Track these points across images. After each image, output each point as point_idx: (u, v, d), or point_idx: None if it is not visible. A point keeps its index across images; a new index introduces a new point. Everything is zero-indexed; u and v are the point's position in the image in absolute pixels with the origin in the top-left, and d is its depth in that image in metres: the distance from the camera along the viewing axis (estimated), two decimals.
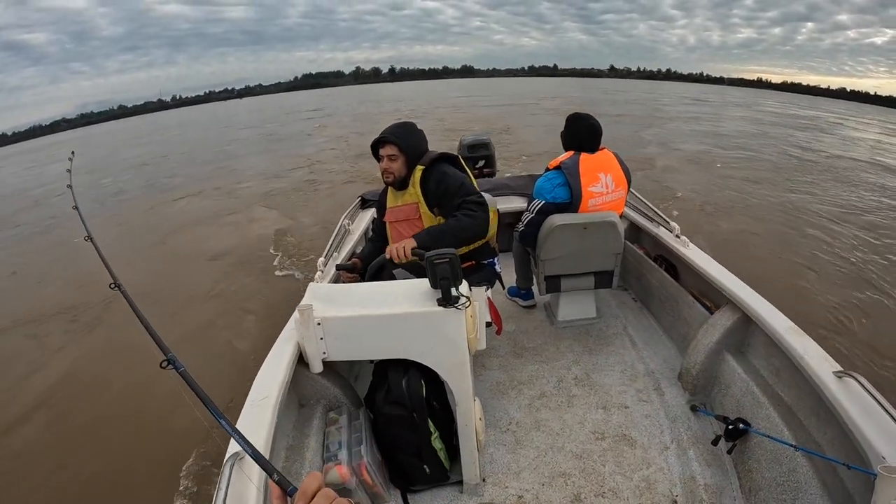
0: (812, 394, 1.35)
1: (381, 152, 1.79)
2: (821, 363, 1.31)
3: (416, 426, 1.46)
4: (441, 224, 1.71)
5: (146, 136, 26.47)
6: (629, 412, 1.85)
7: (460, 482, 1.56)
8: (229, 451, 1.02)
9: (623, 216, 2.47)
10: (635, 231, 2.70)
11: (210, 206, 8.09)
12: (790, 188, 7.73)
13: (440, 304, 1.26)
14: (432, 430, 1.50)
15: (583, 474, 1.59)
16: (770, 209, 6.57)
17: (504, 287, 2.57)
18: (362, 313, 1.31)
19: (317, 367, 1.40)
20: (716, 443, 1.61)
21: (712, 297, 1.99)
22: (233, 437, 0.73)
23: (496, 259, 1.97)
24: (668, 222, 2.33)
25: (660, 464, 1.61)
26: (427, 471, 1.52)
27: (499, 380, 2.08)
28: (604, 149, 2.12)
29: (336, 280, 1.99)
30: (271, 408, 1.17)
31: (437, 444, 1.51)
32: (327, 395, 1.53)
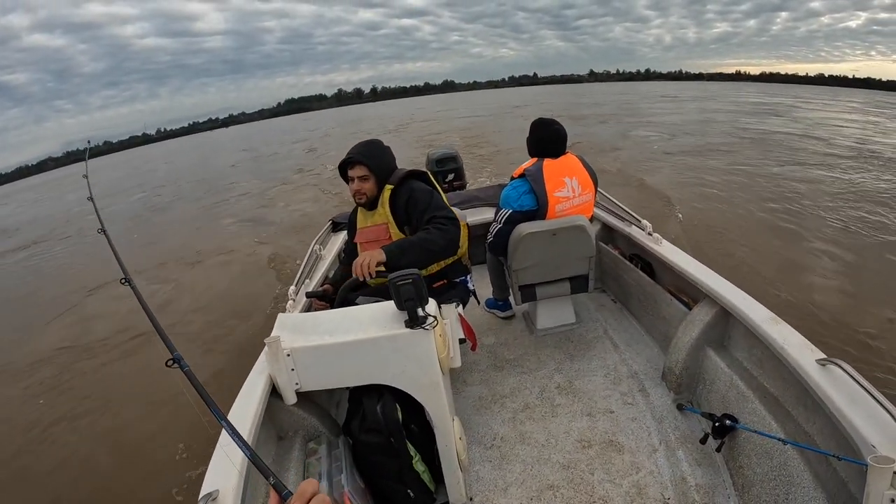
0: (796, 384, 1.34)
1: (351, 173, 1.76)
2: (802, 351, 1.30)
3: (395, 451, 1.43)
4: (411, 237, 1.68)
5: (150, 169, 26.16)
6: (615, 417, 1.83)
7: (447, 503, 1.53)
8: (222, 454, 1.02)
9: (594, 218, 2.47)
10: (608, 232, 2.70)
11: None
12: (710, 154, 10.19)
13: (407, 326, 1.24)
14: (413, 453, 1.46)
15: (571, 485, 1.56)
16: (682, 168, 9.13)
17: (479, 303, 2.55)
18: (331, 341, 1.29)
19: (290, 398, 1.38)
20: (704, 441, 1.59)
21: (689, 293, 1.98)
22: (232, 438, 0.74)
23: (469, 276, 1.96)
24: (640, 221, 2.33)
25: (649, 467, 1.58)
26: (411, 495, 1.48)
27: (480, 395, 2.05)
28: (568, 153, 2.13)
29: (308, 308, 1.96)
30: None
31: (419, 466, 1.48)
32: (305, 425, 1.50)
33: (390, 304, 1.30)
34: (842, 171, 8.27)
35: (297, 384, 1.35)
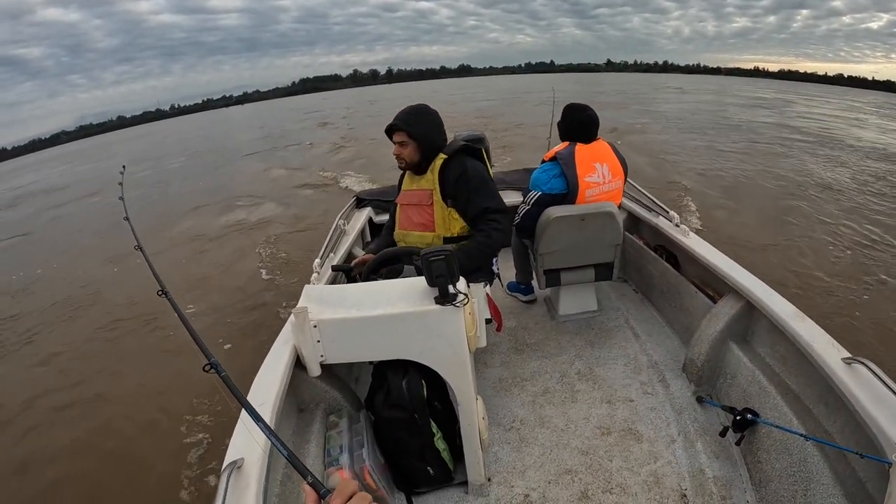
0: (820, 381, 1.33)
1: (394, 138, 1.79)
2: (828, 349, 1.29)
3: (418, 428, 1.43)
4: (473, 244, 1.74)
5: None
6: (634, 406, 1.82)
7: (465, 483, 1.54)
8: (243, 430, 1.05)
9: (621, 207, 2.44)
10: (634, 221, 2.67)
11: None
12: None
13: (437, 303, 1.23)
14: (435, 430, 1.47)
15: (589, 470, 1.57)
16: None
17: (503, 285, 2.53)
18: (359, 315, 1.28)
19: (315, 370, 1.38)
20: (724, 434, 1.58)
21: (715, 286, 1.96)
22: (269, 439, 0.74)
23: (495, 259, 1.95)
24: (668, 212, 2.30)
25: (667, 457, 1.58)
26: (431, 472, 1.50)
27: (501, 377, 2.05)
28: (599, 139, 2.09)
29: (332, 281, 1.97)
30: (269, 414, 1.16)
31: (440, 444, 1.49)
32: (326, 398, 1.51)
33: (420, 280, 1.29)
34: None
35: (322, 356, 1.34)
